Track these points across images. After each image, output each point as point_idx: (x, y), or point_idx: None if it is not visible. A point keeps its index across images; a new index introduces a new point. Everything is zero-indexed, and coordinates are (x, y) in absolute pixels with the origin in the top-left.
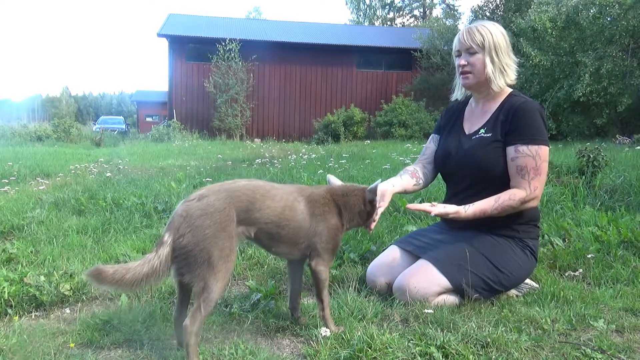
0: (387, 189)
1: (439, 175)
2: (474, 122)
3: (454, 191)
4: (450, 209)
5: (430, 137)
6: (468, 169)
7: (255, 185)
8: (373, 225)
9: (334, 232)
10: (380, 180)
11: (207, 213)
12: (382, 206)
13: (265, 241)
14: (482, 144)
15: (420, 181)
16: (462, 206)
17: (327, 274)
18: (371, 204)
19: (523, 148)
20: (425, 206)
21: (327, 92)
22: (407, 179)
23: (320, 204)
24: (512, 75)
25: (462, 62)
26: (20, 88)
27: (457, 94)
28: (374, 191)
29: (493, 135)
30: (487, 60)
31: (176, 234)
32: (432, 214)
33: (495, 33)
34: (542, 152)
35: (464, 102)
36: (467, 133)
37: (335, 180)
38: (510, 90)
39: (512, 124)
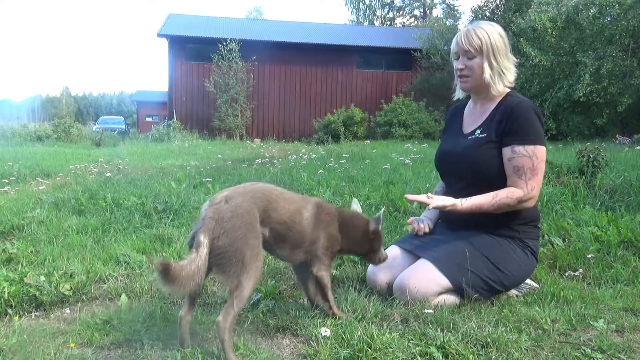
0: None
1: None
2: (472, 122)
3: (451, 191)
4: (448, 201)
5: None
6: (464, 169)
7: (270, 187)
8: (377, 257)
9: (332, 240)
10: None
11: (237, 214)
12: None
13: (272, 241)
14: (477, 144)
15: None
16: (459, 199)
17: (329, 278)
18: (375, 234)
19: (519, 148)
20: (423, 197)
21: (327, 92)
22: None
23: (325, 213)
24: (510, 78)
25: (460, 65)
26: (20, 88)
27: (458, 93)
28: (378, 220)
29: (488, 136)
30: (485, 64)
31: (211, 236)
32: (430, 206)
33: (494, 35)
34: (538, 152)
35: (465, 102)
36: (464, 133)
37: (356, 206)
38: (508, 90)
39: (507, 125)
